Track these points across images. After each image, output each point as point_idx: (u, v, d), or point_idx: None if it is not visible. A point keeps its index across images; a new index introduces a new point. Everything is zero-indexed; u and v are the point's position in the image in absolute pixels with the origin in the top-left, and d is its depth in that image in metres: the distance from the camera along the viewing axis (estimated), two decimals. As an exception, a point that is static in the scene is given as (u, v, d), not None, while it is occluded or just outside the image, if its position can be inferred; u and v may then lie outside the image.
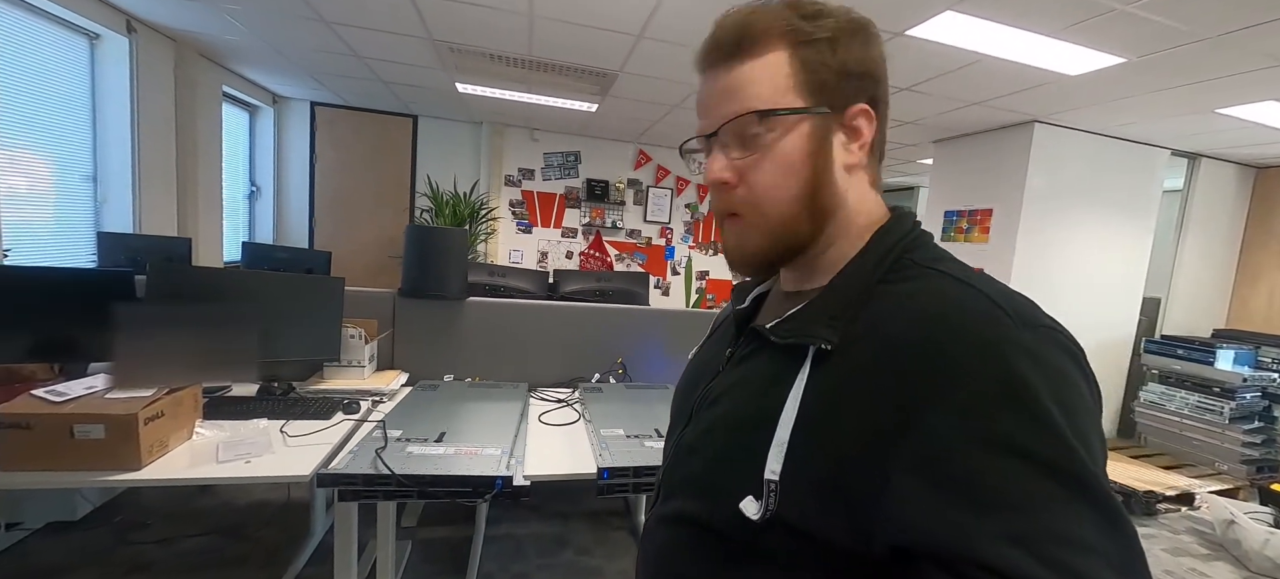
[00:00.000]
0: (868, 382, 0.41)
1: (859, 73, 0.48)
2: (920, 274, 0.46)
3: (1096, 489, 0.35)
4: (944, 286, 0.44)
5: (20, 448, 1.22)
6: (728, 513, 0.45)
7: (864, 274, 0.47)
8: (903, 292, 0.45)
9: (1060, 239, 3.86)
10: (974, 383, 0.37)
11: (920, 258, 0.47)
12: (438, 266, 2.11)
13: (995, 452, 0.36)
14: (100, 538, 2.03)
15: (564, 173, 5.71)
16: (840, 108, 0.48)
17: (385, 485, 1.25)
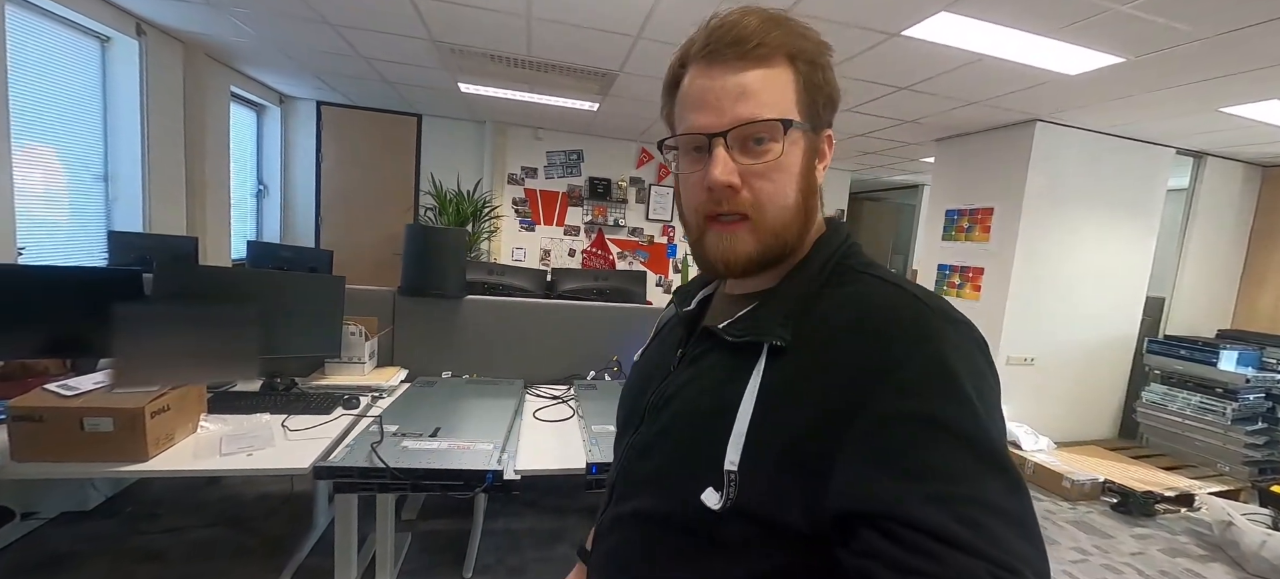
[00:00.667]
0: (819, 371, 0.46)
1: (834, 100, 0.54)
2: (858, 278, 0.52)
3: (1003, 460, 0.41)
4: (880, 289, 0.50)
5: (33, 440, 1.27)
6: (688, 506, 0.48)
7: (810, 278, 0.52)
8: (845, 294, 0.50)
9: (1062, 238, 3.85)
10: (910, 369, 0.43)
11: (856, 264, 0.54)
12: (436, 265, 2.15)
13: (926, 427, 0.41)
14: (112, 527, 2.10)
15: (567, 171, 5.75)
16: (819, 130, 0.53)
17: (380, 478, 1.30)
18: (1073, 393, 4.11)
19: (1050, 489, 3.39)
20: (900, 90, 3.33)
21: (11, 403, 1.27)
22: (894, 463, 0.40)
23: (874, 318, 0.47)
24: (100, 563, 1.90)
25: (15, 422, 1.26)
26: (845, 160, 6.11)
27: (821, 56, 0.52)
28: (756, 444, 0.46)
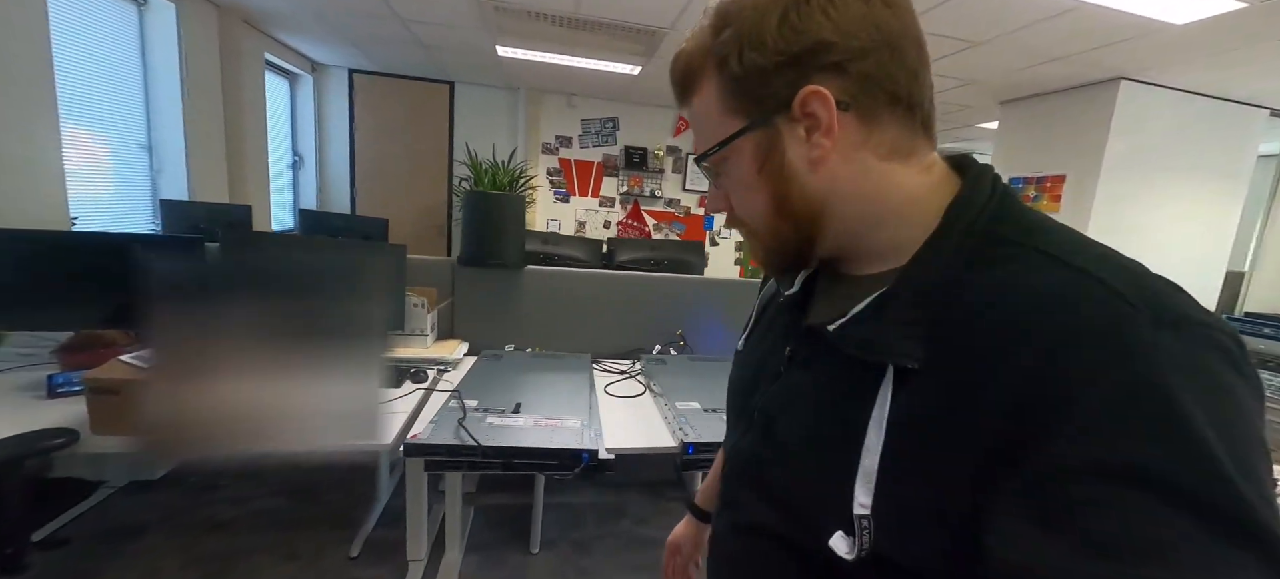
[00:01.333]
0: (966, 399, 0.34)
1: (792, 55, 0.39)
2: (1015, 255, 0.37)
3: (1259, 527, 0.27)
4: (1049, 273, 0.35)
5: (110, 412, 1.22)
6: (814, 543, 0.41)
7: (941, 263, 0.39)
8: (996, 283, 0.36)
9: (1140, 207, 3.59)
10: (1098, 398, 0.30)
11: (1011, 232, 0.38)
12: (497, 234, 2.05)
13: (1121, 483, 0.28)
14: (177, 498, 2.09)
15: (602, 140, 5.58)
16: (782, 106, 0.41)
17: (470, 456, 1.22)
18: (1141, 372, 3.89)
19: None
20: (972, 48, 3.08)
21: (88, 375, 1.21)
22: (1070, 530, 0.29)
23: (1041, 320, 0.33)
24: (169, 532, 1.89)
25: (94, 394, 1.20)
26: (891, 127, 5.82)
27: (750, 33, 0.40)
28: (891, 485, 0.37)
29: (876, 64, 0.39)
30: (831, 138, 0.40)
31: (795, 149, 0.41)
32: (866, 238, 0.44)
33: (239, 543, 1.87)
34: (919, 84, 0.41)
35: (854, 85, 0.39)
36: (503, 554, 1.95)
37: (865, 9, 0.39)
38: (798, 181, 0.42)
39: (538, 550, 1.99)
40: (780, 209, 0.44)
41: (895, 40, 0.39)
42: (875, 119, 0.40)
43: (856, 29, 0.38)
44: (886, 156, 0.41)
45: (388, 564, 1.83)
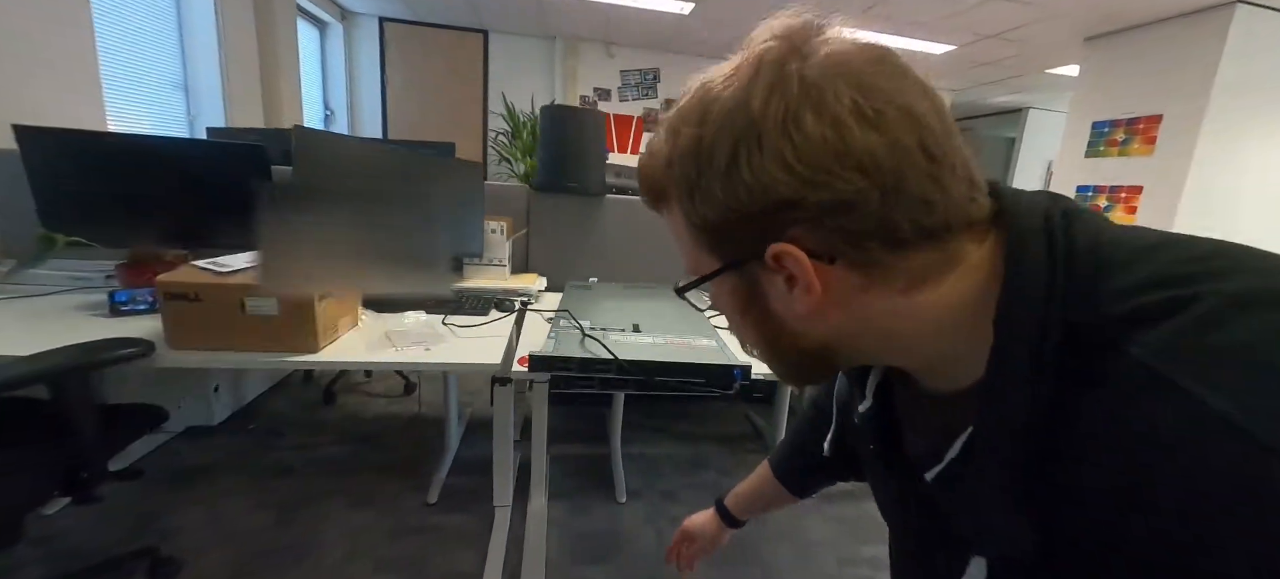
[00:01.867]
0: None
1: (752, 212, 0.31)
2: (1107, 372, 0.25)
3: None
4: (1150, 408, 0.24)
5: (189, 322, 1.05)
6: None
7: (1020, 388, 0.28)
8: (1102, 416, 0.26)
9: (1246, 149, 3.26)
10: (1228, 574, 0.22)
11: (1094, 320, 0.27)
12: (577, 156, 1.85)
13: None
14: (240, 443, 1.97)
15: (642, 92, 5.32)
16: (753, 255, 0.33)
17: (604, 371, 1.04)
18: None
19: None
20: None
21: (163, 278, 1.04)
22: None
23: (1164, 487, 0.23)
24: (238, 476, 1.77)
25: (169, 300, 1.04)
26: (948, 77, 5.46)
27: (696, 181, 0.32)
28: None
29: (861, 217, 0.29)
30: (815, 293, 0.32)
31: (778, 300, 0.34)
32: (908, 361, 0.36)
33: (310, 487, 1.74)
34: (938, 199, 0.29)
35: (836, 239, 0.30)
36: (588, 502, 1.80)
37: (840, 145, 0.28)
38: (788, 328, 0.35)
39: (625, 500, 1.83)
40: (775, 349, 0.38)
41: (888, 177, 0.28)
42: (877, 265, 0.31)
43: (828, 178, 0.29)
44: (906, 290, 0.32)
45: (468, 512, 1.69)
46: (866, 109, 0.28)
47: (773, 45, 0.31)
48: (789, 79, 0.29)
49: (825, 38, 0.31)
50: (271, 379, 2.41)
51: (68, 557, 1.38)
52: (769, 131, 0.29)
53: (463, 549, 1.52)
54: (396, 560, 1.46)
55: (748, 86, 0.30)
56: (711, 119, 0.31)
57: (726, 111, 0.30)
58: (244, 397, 2.21)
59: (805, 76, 0.29)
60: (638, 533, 1.67)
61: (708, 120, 0.31)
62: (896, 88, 0.29)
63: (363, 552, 1.48)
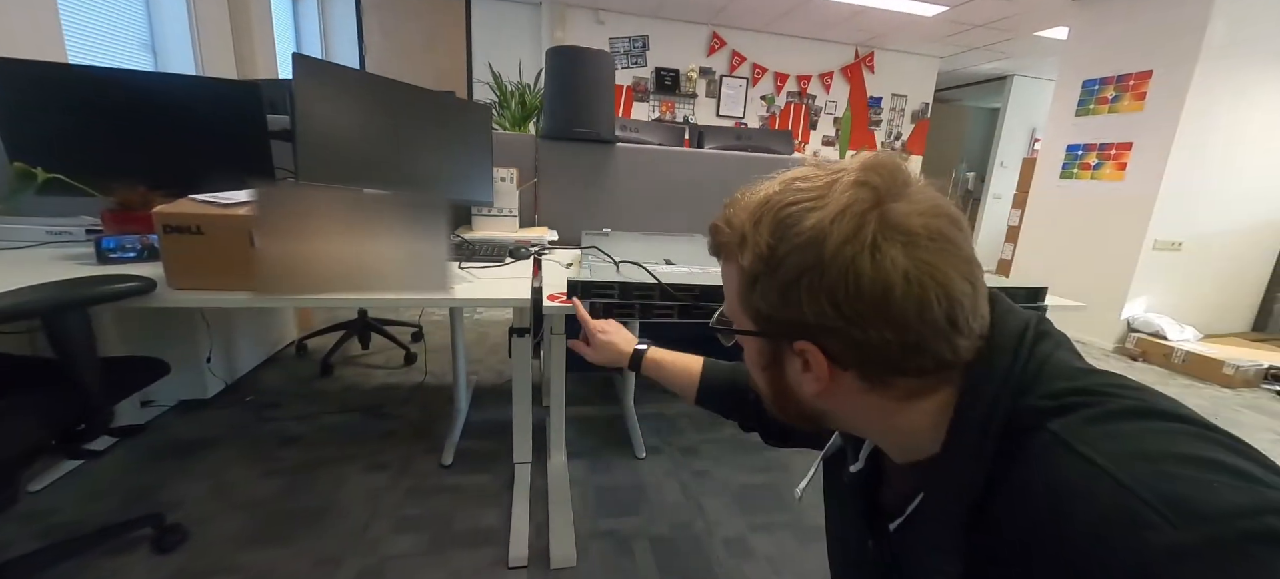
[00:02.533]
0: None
1: (798, 321, 0.37)
2: (1035, 444, 0.33)
3: None
4: (1058, 465, 0.31)
5: (193, 259, 0.97)
6: None
7: (965, 463, 0.36)
8: (1017, 486, 0.33)
9: (1235, 103, 3.32)
10: None
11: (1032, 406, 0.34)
12: (587, 101, 1.77)
13: None
14: (238, 415, 1.87)
15: (631, 60, 5.20)
16: (782, 336, 0.40)
17: (645, 295, 0.98)
18: (1213, 280, 3.71)
19: (1207, 377, 3.12)
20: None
21: (160, 210, 0.95)
22: None
23: (1054, 539, 0.30)
24: (240, 446, 1.68)
25: (169, 234, 0.95)
26: (933, 44, 5.46)
27: (757, 277, 0.38)
28: None
29: (880, 354, 0.36)
30: (823, 383, 0.39)
31: (792, 374, 0.41)
32: (886, 440, 0.43)
33: (318, 454, 1.66)
34: (946, 355, 0.36)
35: (853, 355, 0.37)
36: (607, 459, 1.76)
37: (883, 304, 0.34)
38: (795, 394, 0.42)
39: (644, 456, 1.79)
40: (779, 404, 0.45)
41: (912, 337, 0.35)
42: (881, 381, 0.38)
43: (865, 324, 0.35)
44: (901, 399, 0.38)
45: (486, 472, 1.63)
46: (913, 278, 0.34)
47: (861, 192, 0.35)
48: (862, 233, 0.34)
49: (907, 192, 0.35)
50: (265, 351, 2.31)
51: (62, 530, 1.29)
52: (832, 272, 0.35)
53: (485, 507, 1.47)
54: (419, 519, 1.40)
55: (831, 225, 0.35)
56: (790, 239, 0.36)
57: (806, 241, 0.35)
58: (237, 369, 2.11)
59: (876, 237, 0.34)
60: (662, 485, 1.64)
61: (787, 239, 0.36)
62: (946, 263, 0.35)
63: (384, 512, 1.41)
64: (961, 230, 0.36)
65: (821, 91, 5.75)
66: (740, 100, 5.49)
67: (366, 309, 2.51)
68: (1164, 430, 0.31)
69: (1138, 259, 3.48)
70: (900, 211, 0.35)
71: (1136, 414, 0.32)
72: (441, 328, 2.88)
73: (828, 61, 5.67)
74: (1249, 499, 0.26)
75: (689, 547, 1.38)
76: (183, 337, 1.82)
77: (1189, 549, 0.25)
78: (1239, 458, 0.28)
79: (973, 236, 0.39)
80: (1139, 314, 3.57)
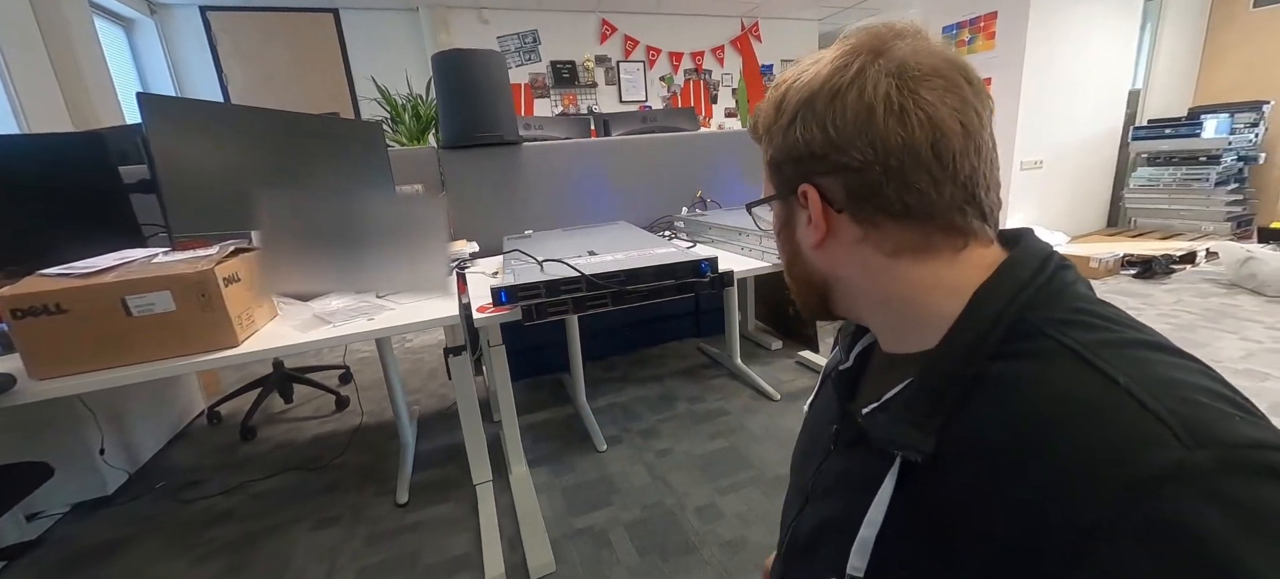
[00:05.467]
0: (970, 516, 0.33)
1: (796, 156, 0.41)
2: (1040, 349, 0.34)
3: None
4: (1069, 375, 0.32)
5: (57, 341, 0.84)
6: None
7: (963, 351, 0.36)
8: (1013, 378, 0.33)
9: (1069, 30, 3.79)
10: (1118, 544, 0.26)
11: (1044, 320, 0.34)
12: (485, 104, 1.71)
13: None
14: (150, 505, 1.66)
15: (524, 57, 5.08)
16: (791, 190, 0.43)
17: (573, 290, 0.98)
18: (1071, 190, 4.26)
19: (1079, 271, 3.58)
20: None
21: (7, 293, 0.81)
22: None
23: (1056, 435, 0.30)
24: (157, 539, 1.50)
25: (21, 320, 0.82)
26: (809, 7, 5.78)
27: (768, 129, 0.43)
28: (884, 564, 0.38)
29: (867, 182, 0.38)
30: (821, 230, 0.41)
31: (800, 230, 0.44)
32: (882, 319, 0.44)
33: (256, 525, 1.52)
34: (929, 194, 0.37)
35: (844, 194, 0.40)
36: (569, 460, 1.75)
37: (866, 125, 0.37)
38: (803, 254, 0.45)
39: (605, 447, 1.80)
40: (791, 269, 0.48)
41: (893, 160, 0.37)
42: (872, 223, 0.40)
43: (850, 145, 0.38)
44: (892, 254, 0.40)
45: (447, 500, 1.57)
46: (896, 104, 0.35)
47: (858, 42, 0.38)
48: (850, 67, 0.37)
49: (906, 40, 0.37)
50: (170, 429, 2.06)
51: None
52: (820, 101, 0.38)
53: (453, 535, 1.41)
54: (383, 565, 1.33)
55: (823, 67, 0.38)
56: (795, 86, 0.40)
57: (804, 83, 0.39)
58: (139, 456, 1.87)
59: (862, 67, 0.36)
60: (628, 472, 1.66)
61: (793, 87, 0.40)
62: (934, 98, 0.36)
63: (343, 567, 1.32)
64: (966, 79, 0.37)
65: (716, 65, 5.92)
66: (640, 84, 5.54)
67: (282, 359, 2.31)
68: (1186, 366, 0.31)
69: (1011, 181, 3.91)
70: (891, 50, 0.37)
71: (1155, 346, 0.33)
72: (371, 364, 2.71)
73: (717, 36, 5.84)
74: (1264, 435, 0.27)
75: (664, 524, 1.41)
76: (64, 430, 1.59)
77: (1197, 468, 0.26)
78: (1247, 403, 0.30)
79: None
80: (1017, 228, 4.04)
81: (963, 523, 0.33)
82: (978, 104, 0.37)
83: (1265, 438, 0.27)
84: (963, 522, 0.33)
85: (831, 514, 0.45)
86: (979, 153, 0.37)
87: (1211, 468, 0.25)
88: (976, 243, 0.39)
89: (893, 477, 0.38)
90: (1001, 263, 0.38)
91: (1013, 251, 0.39)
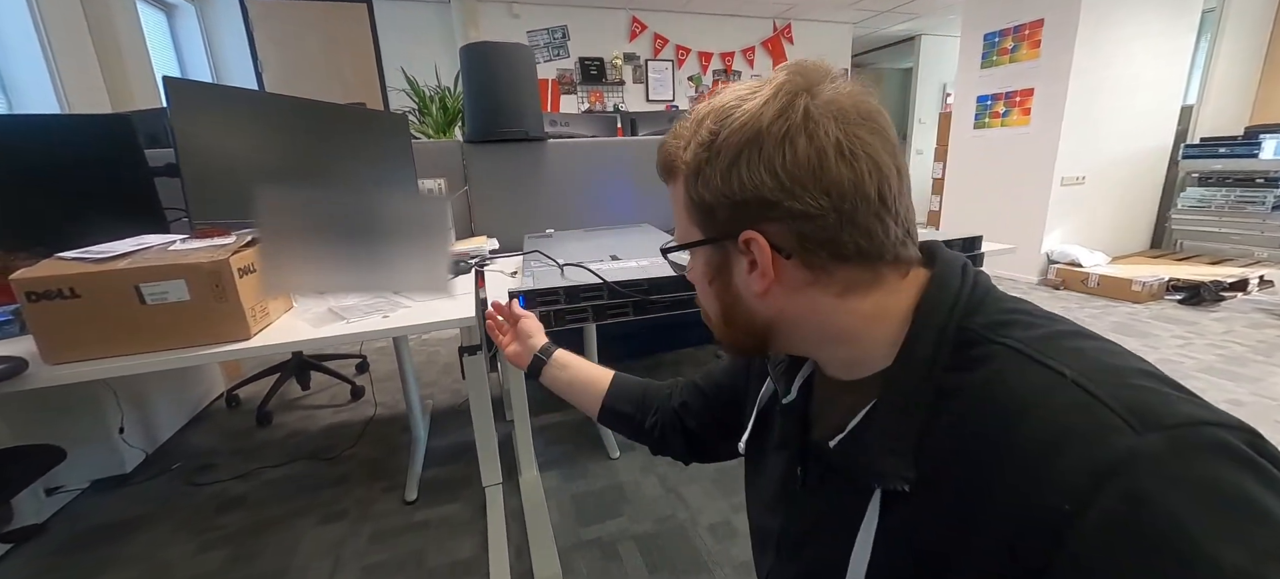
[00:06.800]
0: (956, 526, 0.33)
1: (738, 201, 0.39)
2: (987, 354, 0.35)
3: None
4: (1021, 375, 0.33)
5: (72, 327, 0.83)
6: None
7: (920, 368, 0.37)
8: (972, 387, 0.34)
9: (1118, 42, 3.61)
10: (1087, 526, 0.27)
11: (982, 326, 0.36)
12: (510, 99, 1.68)
13: None
14: (166, 486, 1.68)
15: (553, 52, 5.07)
16: (729, 235, 0.40)
17: (593, 297, 0.94)
18: (1115, 208, 4.07)
19: (1120, 296, 3.41)
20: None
21: (18, 277, 0.81)
22: None
23: (1020, 434, 0.31)
24: (169, 522, 1.51)
25: (35, 303, 0.81)
26: (844, 9, 5.64)
27: (702, 169, 0.39)
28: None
29: (820, 227, 0.37)
30: (768, 278, 0.40)
31: (740, 277, 0.42)
32: (830, 352, 0.43)
33: (265, 514, 1.52)
34: (879, 235, 0.38)
35: (795, 241, 0.38)
36: (581, 465, 1.72)
37: (819, 170, 0.36)
38: (743, 303, 0.43)
39: (618, 455, 1.76)
40: (728, 319, 0.44)
41: (846, 205, 0.37)
42: (822, 268, 0.39)
43: (802, 190, 0.37)
44: (840, 293, 0.40)
45: (455, 501, 1.55)
46: (846, 149, 0.36)
47: (791, 79, 0.38)
48: (795, 108, 0.36)
49: (833, 83, 0.38)
50: (189, 411, 2.09)
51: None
52: (768, 144, 0.36)
53: (459, 537, 1.39)
54: (387, 565, 1.31)
55: (763, 106, 0.37)
56: (729, 124, 0.38)
57: (742, 122, 0.37)
58: (158, 436, 1.90)
59: (808, 110, 0.36)
60: (640, 482, 1.61)
61: (727, 124, 0.38)
62: (873, 142, 0.37)
63: (347, 564, 1.31)
64: (885, 121, 0.38)
65: (746, 67, 5.83)
66: (668, 83, 5.49)
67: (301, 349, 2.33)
68: (1113, 350, 0.34)
69: (1049, 196, 3.75)
70: (829, 92, 0.37)
71: (1083, 335, 0.35)
72: (387, 354, 2.72)
73: (748, 37, 5.75)
74: (1201, 412, 0.28)
75: (675, 540, 1.36)
76: (85, 410, 1.62)
77: (1149, 451, 0.27)
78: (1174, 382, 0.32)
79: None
80: (1055, 247, 3.87)
81: (955, 537, 0.33)
82: (897, 146, 0.39)
83: (1203, 415, 0.28)
84: (955, 536, 0.33)
85: (814, 562, 0.45)
86: (907, 190, 0.39)
87: (1163, 450, 0.27)
88: (913, 267, 0.41)
89: (875, 509, 0.38)
90: (929, 279, 0.40)
91: (934, 268, 0.40)
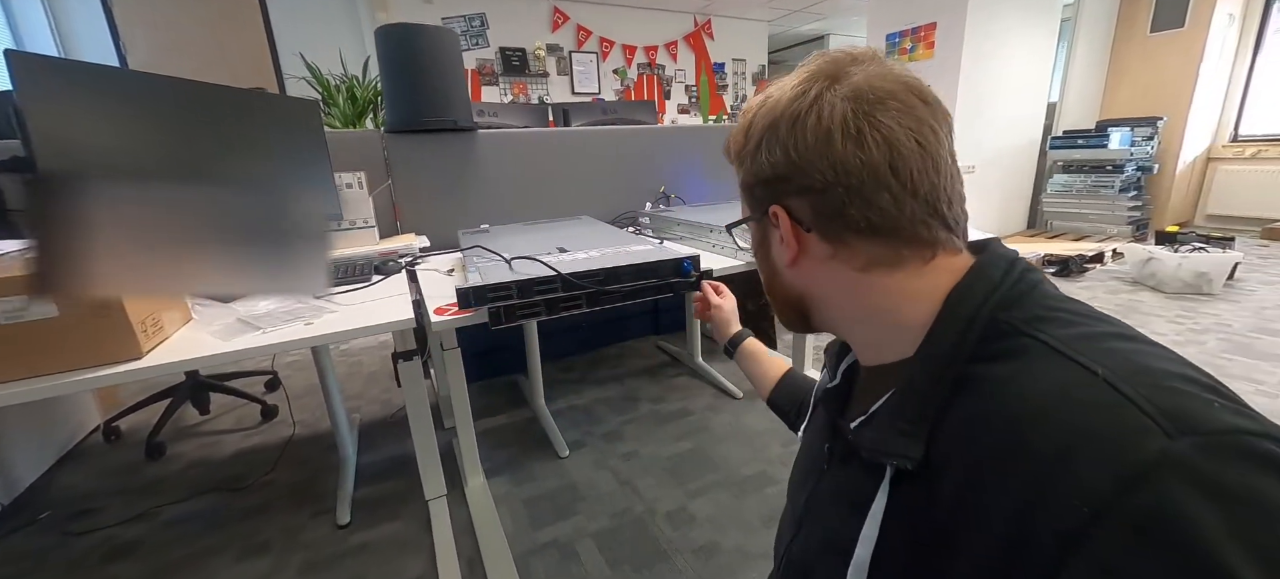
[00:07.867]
0: (965, 516, 0.32)
1: (764, 178, 0.44)
2: (1017, 347, 0.34)
3: None
4: (1049, 371, 0.32)
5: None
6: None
7: (943, 355, 0.37)
8: (995, 378, 0.34)
9: (1000, 44, 4.04)
10: (1108, 538, 0.26)
11: (1019, 319, 0.35)
12: (436, 85, 1.58)
13: None
14: (32, 539, 1.42)
15: (472, 41, 4.85)
16: (763, 211, 0.45)
17: (547, 291, 0.90)
18: (998, 194, 4.58)
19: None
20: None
21: None
22: None
23: (1040, 431, 0.30)
24: (38, 580, 1.28)
25: None
26: (759, 8, 5.88)
27: (737, 153, 0.46)
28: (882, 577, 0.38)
29: (831, 202, 0.40)
30: (793, 249, 0.43)
31: (774, 249, 0.46)
32: (860, 334, 0.45)
33: (169, 557, 1.33)
34: (891, 211, 0.39)
35: (811, 214, 0.42)
36: (529, 467, 1.66)
37: (826, 148, 0.38)
38: (779, 272, 0.47)
39: (568, 453, 1.72)
40: (770, 289, 0.50)
41: (853, 181, 0.38)
42: (840, 241, 0.41)
43: (812, 168, 0.39)
44: (863, 268, 0.41)
45: (396, 518, 1.44)
46: (852, 128, 0.37)
47: (817, 67, 0.40)
48: (808, 94, 0.39)
49: (862, 66, 0.39)
50: (57, 449, 1.79)
51: None
52: (783, 126, 0.40)
53: (404, 557, 1.29)
54: (321, 597, 1.19)
55: (784, 94, 0.41)
56: (761, 112, 0.42)
57: (769, 109, 0.42)
58: (18, 480, 1.60)
59: (820, 94, 0.39)
60: (593, 479, 1.59)
61: (759, 113, 0.43)
62: (890, 120, 0.37)
63: (272, 602, 1.18)
64: (922, 99, 0.38)
65: (669, 61, 5.91)
66: (593, 76, 5.44)
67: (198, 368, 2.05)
68: (1159, 353, 0.32)
69: (945, 182, 4.14)
70: (857, 76, 0.38)
71: (1128, 338, 0.33)
72: (303, 368, 2.48)
73: (670, 31, 5.82)
74: (1242, 422, 0.27)
75: (633, 532, 1.35)
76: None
77: (1180, 457, 0.26)
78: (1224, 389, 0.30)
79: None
80: (951, 229, 4.28)
81: (959, 526, 0.32)
82: (934, 122, 0.38)
83: (1243, 423, 0.27)
84: (958, 525, 0.32)
85: (825, 535, 0.45)
86: (938, 169, 0.39)
87: (1193, 456, 0.26)
88: (944, 252, 0.40)
89: (885, 489, 0.38)
90: (970, 267, 0.39)
91: (980, 257, 0.40)
